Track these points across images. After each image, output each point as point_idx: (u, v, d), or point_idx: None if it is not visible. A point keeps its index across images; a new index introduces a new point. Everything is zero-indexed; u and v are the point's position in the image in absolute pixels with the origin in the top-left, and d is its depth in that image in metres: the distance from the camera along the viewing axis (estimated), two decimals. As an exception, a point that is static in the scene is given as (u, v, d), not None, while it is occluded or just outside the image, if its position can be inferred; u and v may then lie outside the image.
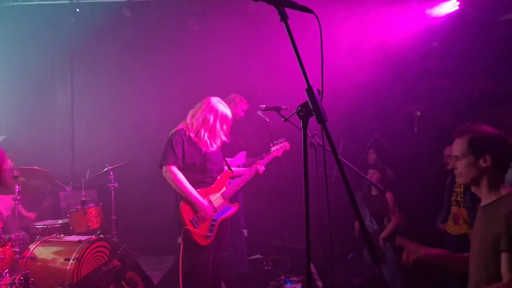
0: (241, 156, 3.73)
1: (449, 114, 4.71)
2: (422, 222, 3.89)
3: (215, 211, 2.76)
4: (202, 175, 2.78)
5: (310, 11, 1.31)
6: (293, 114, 1.24)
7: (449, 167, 1.71)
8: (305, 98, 1.18)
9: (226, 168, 2.98)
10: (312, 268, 4.14)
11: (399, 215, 3.60)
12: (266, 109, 2.95)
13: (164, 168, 2.68)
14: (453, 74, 4.67)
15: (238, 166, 3.52)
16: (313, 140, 2.31)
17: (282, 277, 3.95)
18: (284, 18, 1.26)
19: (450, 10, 4.53)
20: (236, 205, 2.96)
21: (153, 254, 5.18)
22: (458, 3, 4.44)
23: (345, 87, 4.25)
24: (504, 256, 1.43)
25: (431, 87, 4.68)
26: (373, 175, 3.74)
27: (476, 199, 1.82)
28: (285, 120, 1.54)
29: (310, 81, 1.18)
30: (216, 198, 2.80)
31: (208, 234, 2.68)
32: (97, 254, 3.52)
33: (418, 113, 4.65)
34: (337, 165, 1.08)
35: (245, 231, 4.14)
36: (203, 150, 2.77)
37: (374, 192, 3.78)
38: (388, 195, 3.65)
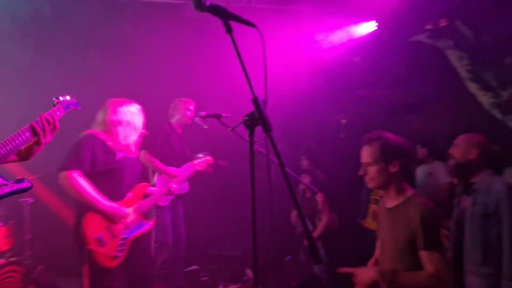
0: (188, 167, 3.54)
1: (369, 121, 5.21)
2: (348, 219, 4.24)
3: (127, 228, 2.44)
4: (113, 186, 2.45)
5: (253, 25, 1.37)
6: (240, 123, 1.27)
7: (360, 173, 1.85)
8: (246, 106, 1.23)
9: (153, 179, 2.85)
10: (250, 274, 4.19)
11: (328, 215, 3.84)
12: (207, 116, 2.88)
13: (61, 174, 2.29)
14: (373, 86, 5.19)
15: (185, 178, 3.41)
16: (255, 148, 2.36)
17: (221, 286, 3.92)
18: (229, 31, 1.29)
19: (370, 30, 5.04)
20: (152, 221, 2.69)
21: (74, 274, 4.74)
22: (376, 24, 4.95)
23: (281, 96, 4.44)
24: (423, 254, 1.61)
25: (355, 98, 5.14)
26: (305, 179, 3.97)
27: None
28: (232, 130, 1.57)
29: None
30: (128, 213, 2.47)
31: (117, 254, 2.33)
32: (7, 280, 3.11)
33: (344, 121, 5.05)
34: (282, 173, 1.15)
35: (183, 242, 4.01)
36: (117, 157, 2.48)
37: (308, 194, 4.01)
38: (318, 196, 3.88)
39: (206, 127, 3.33)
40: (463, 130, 5.96)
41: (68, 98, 1.99)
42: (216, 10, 1.26)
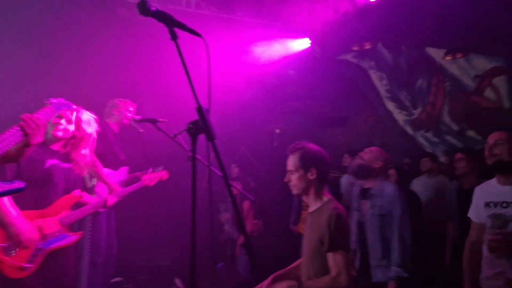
0: (123, 171, 3.35)
1: (301, 131, 5.50)
2: (279, 225, 4.38)
3: (44, 239, 2.25)
4: (37, 193, 2.26)
5: (198, 34, 1.37)
6: (183, 131, 1.27)
7: (285, 180, 1.98)
8: (184, 113, 1.23)
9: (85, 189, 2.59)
10: (179, 283, 4.09)
11: (252, 222, 3.92)
12: (142, 120, 2.76)
13: None
14: (305, 99, 5.50)
15: (120, 182, 3.18)
16: (190, 154, 2.33)
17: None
18: (174, 38, 1.28)
19: (304, 46, 5.34)
20: (78, 234, 2.48)
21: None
22: (310, 41, 5.27)
23: (216, 104, 4.47)
24: (328, 256, 1.75)
25: (289, 109, 5.38)
26: (236, 186, 4.00)
27: None
28: (174, 137, 1.55)
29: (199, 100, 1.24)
30: (49, 224, 2.28)
31: (26, 265, 2.14)
32: None
33: (278, 131, 5.25)
34: (225, 182, 1.17)
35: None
36: (46, 165, 2.29)
37: (237, 202, 4.05)
38: (245, 204, 3.94)
39: (142, 131, 3.18)
40: (380, 143, 6.55)
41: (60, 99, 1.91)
42: (162, 17, 1.25)
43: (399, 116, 7.17)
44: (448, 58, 6.70)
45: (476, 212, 2.13)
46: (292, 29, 5.09)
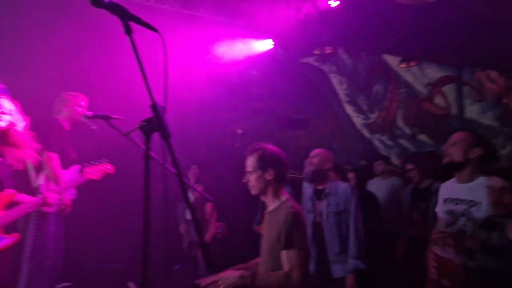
0: (74, 170, 3.15)
1: (264, 132, 5.52)
2: (242, 227, 4.35)
3: None
4: None
5: (154, 29, 1.32)
6: (136, 128, 1.22)
7: (244, 180, 2.00)
8: (143, 109, 1.18)
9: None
10: (133, 287, 3.95)
11: (215, 225, 3.86)
12: (94, 117, 2.61)
13: None
14: (268, 100, 5.52)
15: (72, 181, 2.98)
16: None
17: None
18: (129, 32, 1.23)
19: (267, 47, 5.36)
20: (15, 235, 2.32)
21: None
22: (273, 42, 5.31)
23: (177, 102, 4.36)
24: (282, 254, 1.78)
25: (252, 109, 5.38)
26: (196, 188, 3.91)
27: None
28: (126, 135, 1.47)
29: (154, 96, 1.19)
30: None
31: None
32: None
33: (240, 131, 5.23)
34: (179, 182, 1.14)
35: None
36: None
37: (198, 203, 3.95)
38: (207, 206, 3.87)
39: (95, 128, 3.00)
40: (339, 145, 6.70)
41: None
42: (115, 9, 1.18)
43: (357, 120, 7.45)
44: (402, 66, 7.06)
45: (439, 208, 2.31)
46: (255, 29, 5.10)
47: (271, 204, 1.96)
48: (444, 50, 7.59)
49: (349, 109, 7.39)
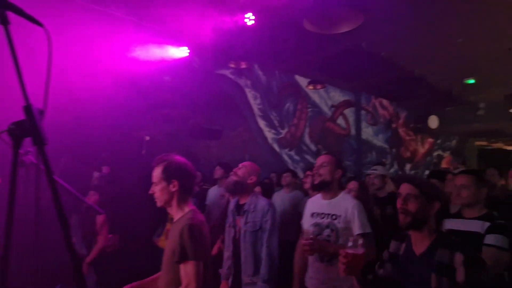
0: None
1: (174, 141, 5.39)
2: (144, 240, 4.13)
3: None
4: None
5: (39, 24, 1.20)
6: (3, 131, 1.08)
7: (150, 192, 1.95)
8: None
9: None
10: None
11: (105, 238, 3.52)
12: None
13: None
14: (180, 108, 5.41)
15: None
16: (24, 158, 1.95)
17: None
18: (4, 22, 1.09)
19: (182, 54, 5.26)
20: None
21: None
22: (188, 50, 5.24)
23: (80, 105, 4.00)
24: (180, 267, 1.76)
25: (161, 116, 5.21)
26: (91, 197, 3.59)
27: None
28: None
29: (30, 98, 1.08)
30: None
31: None
32: None
33: (147, 138, 5.01)
34: (52, 193, 1.04)
35: None
36: None
37: (91, 214, 3.61)
38: (98, 218, 3.49)
39: None
40: (251, 157, 6.87)
41: None
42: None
43: (269, 134, 7.78)
44: (310, 87, 7.64)
45: (305, 221, 2.52)
46: (170, 35, 4.99)
47: (176, 216, 1.93)
48: (344, 77, 8.48)
49: (261, 123, 7.68)
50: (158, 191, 1.89)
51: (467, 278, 1.41)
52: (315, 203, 2.50)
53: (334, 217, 2.33)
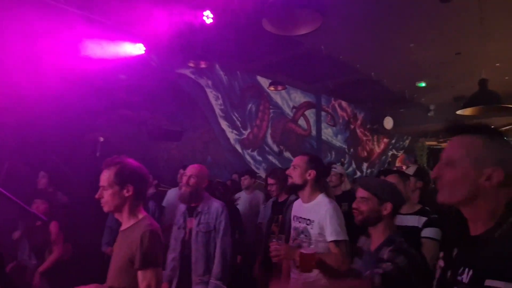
0: None
1: (132, 143, 5.17)
2: (96, 248, 3.91)
3: None
4: None
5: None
6: None
7: (96, 196, 1.83)
8: None
9: None
10: None
11: (62, 246, 3.35)
12: None
13: None
14: (138, 108, 5.20)
15: None
16: None
17: None
18: None
19: (138, 52, 5.03)
20: None
21: None
22: (144, 48, 5.03)
23: (25, 103, 3.71)
24: (138, 274, 1.69)
25: (117, 116, 4.97)
26: (40, 205, 3.33)
27: None
28: None
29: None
30: None
31: None
32: None
33: (102, 139, 4.77)
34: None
35: None
36: None
37: (39, 222, 3.37)
38: (53, 225, 3.33)
39: None
40: (212, 158, 6.75)
41: None
42: None
43: (231, 135, 7.73)
44: (271, 88, 7.68)
45: (292, 224, 2.48)
46: (124, 31, 4.77)
47: (126, 222, 1.82)
48: (304, 79, 8.64)
49: (223, 124, 7.62)
50: (108, 195, 1.77)
51: (387, 258, 1.57)
52: (296, 206, 2.46)
53: (308, 222, 2.27)
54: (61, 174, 4.14)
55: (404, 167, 9.82)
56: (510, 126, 8.32)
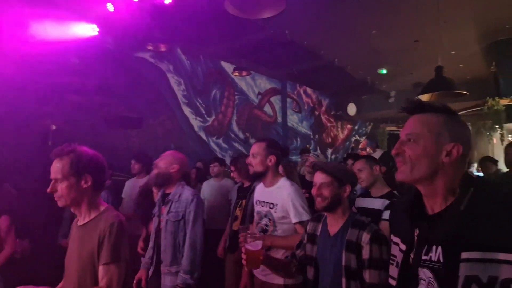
0: None
1: (86, 130, 4.87)
2: (47, 242, 3.69)
3: None
4: None
5: None
6: None
7: (48, 190, 1.67)
8: None
9: None
10: None
11: (13, 243, 3.10)
12: None
13: None
14: (92, 94, 4.89)
15: None
16: None
17: None
18: None
19: (90, 33, 4.69)
20: None
21: None
22: (98, 29, 4.69)
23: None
24: (100, 268, 1.57)
25: (70, 102, 4.64)
26: None
27: None
28: None
29: None
30: None
31: None
32: None
33: (54, 127, 4.45)
34: None
35: None
36: None
37: None
38: (1, 220, 3.07)
39: None
40: (175, 146, 6.58)
41: None
42: None
43: (195, 122, 7.54)
44: (235, 74, 7.54)
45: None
46: (74, 10, 4.42)
47: (86, 215, 1.68)
48: (269, 64, 8.57)
49: (187, 110, 7.41)
50: (63, 188, 1.61)
51: (370, 254, 1.56)
52: (259, 190, 2.47)
53: (271, 205, 2.29)
54: (9, 166, 3.82)
55: (365, 152, 10.14)
56: (463, 111, 8.77)
